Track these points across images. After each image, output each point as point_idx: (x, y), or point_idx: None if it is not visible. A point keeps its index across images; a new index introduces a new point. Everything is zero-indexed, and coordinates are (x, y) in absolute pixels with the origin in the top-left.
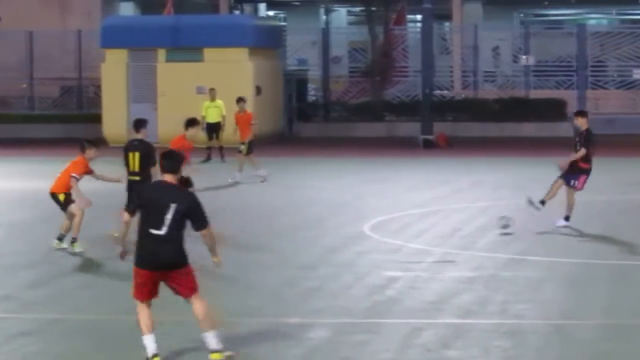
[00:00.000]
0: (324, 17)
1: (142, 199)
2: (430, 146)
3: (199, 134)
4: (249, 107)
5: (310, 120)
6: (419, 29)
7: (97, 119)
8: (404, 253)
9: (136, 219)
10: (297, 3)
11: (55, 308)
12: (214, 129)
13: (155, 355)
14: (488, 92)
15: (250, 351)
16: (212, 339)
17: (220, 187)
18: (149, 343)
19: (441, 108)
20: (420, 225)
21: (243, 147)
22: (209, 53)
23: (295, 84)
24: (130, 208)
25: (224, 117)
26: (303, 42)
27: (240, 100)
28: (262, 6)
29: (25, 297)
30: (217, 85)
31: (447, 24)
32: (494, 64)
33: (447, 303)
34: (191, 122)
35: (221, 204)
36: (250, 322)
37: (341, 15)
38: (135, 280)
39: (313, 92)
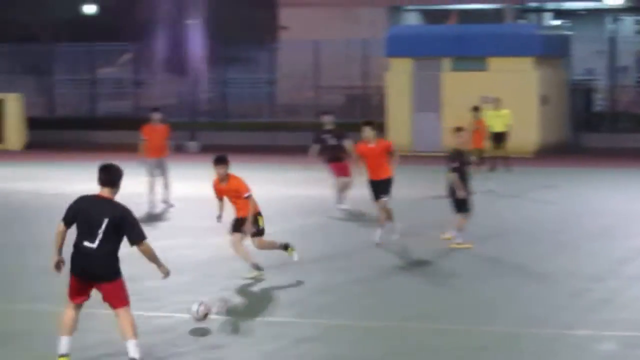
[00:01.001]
0: (610, 26)
1: (75, 211)
2: None
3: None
4: (534, 117)
5: (596, 130)
6: None
7: (381, 127)
8: None
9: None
10: (584, 12)
11: (341, 314)
12: (499, 139)
13: (62, 356)
14: None
15: None
16: (133, 347)
17: (499, 198)
18: (61, 343)
19: None
20: None
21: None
22: (493, 62)
23: (581, 93)
24: (65, 220)
25: (509, 126)
26: (588, 51)
27: (475, 109)
28: (547, 15)
29: (314, 302)
30: (501, 94)
31: None
32: None
33: None
34: (366, 123)
35: (501, 216)
36: (536, 333)
37: (628, 24)
38: (69, 281)
39: (599, 102)
